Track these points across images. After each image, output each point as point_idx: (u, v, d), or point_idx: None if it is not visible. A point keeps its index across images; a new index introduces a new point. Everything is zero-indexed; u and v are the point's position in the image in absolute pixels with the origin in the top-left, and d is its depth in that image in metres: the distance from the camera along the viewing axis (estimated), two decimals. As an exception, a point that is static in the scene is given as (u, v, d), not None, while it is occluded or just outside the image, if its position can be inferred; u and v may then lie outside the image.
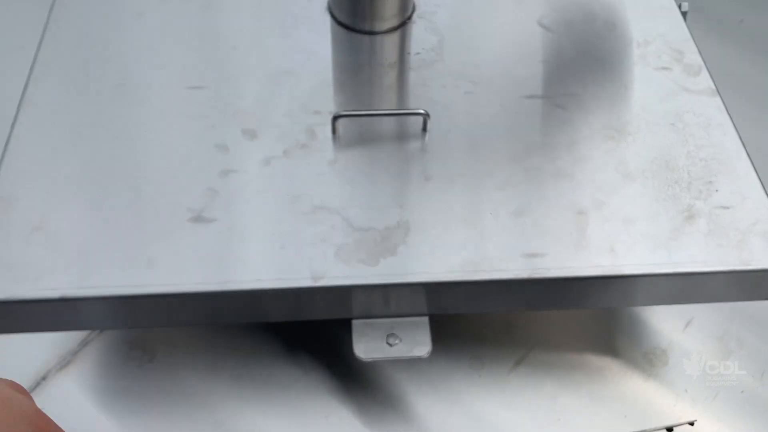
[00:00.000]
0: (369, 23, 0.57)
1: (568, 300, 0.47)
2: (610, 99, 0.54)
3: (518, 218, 0.46)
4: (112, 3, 0.58)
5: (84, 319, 0.44)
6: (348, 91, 0.54)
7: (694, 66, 0.56)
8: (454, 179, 0.48)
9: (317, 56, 0.56)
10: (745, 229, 0.47)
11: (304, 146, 0.50)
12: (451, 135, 0.51)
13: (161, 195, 0.46)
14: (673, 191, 0.48)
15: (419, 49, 0.56)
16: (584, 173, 0.49)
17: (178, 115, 0.51)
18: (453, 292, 0.45)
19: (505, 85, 0.54)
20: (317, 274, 0.43)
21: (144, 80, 0.53)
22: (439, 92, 0.54)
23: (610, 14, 0.60)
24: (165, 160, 0.48)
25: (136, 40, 0.56)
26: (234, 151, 0.49)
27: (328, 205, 0.46)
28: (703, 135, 0.52)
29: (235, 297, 0.43)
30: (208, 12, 0.58)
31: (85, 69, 0.53)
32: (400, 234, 0.45)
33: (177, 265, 0.43)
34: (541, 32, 0.58)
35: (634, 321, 0.59)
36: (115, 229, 0.44)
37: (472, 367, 0.56)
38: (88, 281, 0.42)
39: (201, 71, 0.54)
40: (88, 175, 0.47)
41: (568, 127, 0.52)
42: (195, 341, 0.57)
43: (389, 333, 0.47)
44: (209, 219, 0.45)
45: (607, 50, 0.57)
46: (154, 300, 0.42)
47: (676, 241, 0.46)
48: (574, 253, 0.45)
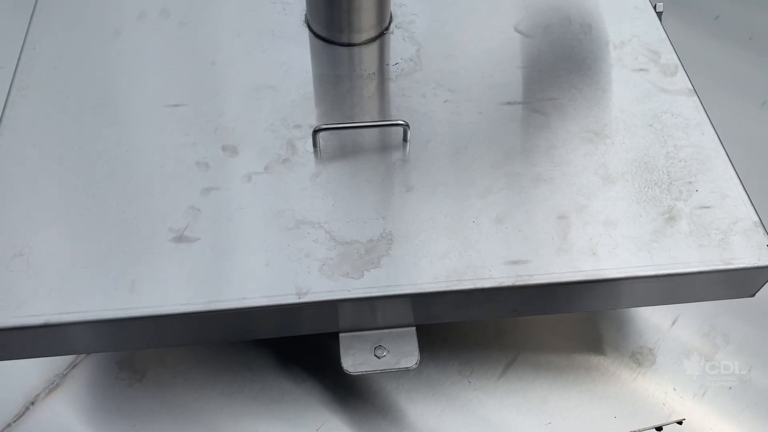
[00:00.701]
0: (347, 35, 0.57)
1: (553, 305, 0.47)
2: (587, 102, 0.54)
3: (500, 225, 0.47)
4: (89, 23, 0.58)
5: (69, 344, 0.44)
6: (328, 103, 0.54)
7: (670, 66, 0.57)
8: (435, 188, 0.49)
9: (296, 70, 0.56)
10: (726, 228, 0.47)
11: (286, 161, 0.50)
12: (432, 144, 0.51)
13: (143, 216, 0.46)
14: (653, 192, 0.49)
15: (398, 60, 0.57)
16: (564, 177, 0.49)
17: (158, 133, 0.51)
18: (438, 302, 0.45)
19: (483, 92, 0.54)
20: (302, 290, 0.43)
21: (123, 100, 0.53)
22: (419, 102, 0.54)
23: (585, 17, 0.60)
24: (146, 180, 0.48)
25: (114, 59, 0.56)
26: (215, 169, 0.49)
27: (311, 220, 0.46)
28: (681, 135, 0.52)
29: (220, 317, 0.43)
30: (186, 29, 0.58)
31: (63, 90, 0.53)
32: (384, 246, 0.45)
33: (160, 287, 0.43)
34: (518, 38, 0.58)
35: (620, 321, 0.60)
36: (97, 252, 0.44)
37: (461, 373, 0.56)
38: (71, 306, 0.42)
39: (180, 88, 0.54)
40: (68, 199, 0.47)
41: (547, 131, 0.52)
42: (185, 358, 0.57)
43: (377, 345, 0.47)
44: (192, 238, 0.45)
45: (583, 53, 0.57)
46: (139, 323, 0.42)
47: (657, 242, 0.46)
48: (556, 259, 0.45)
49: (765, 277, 0.47)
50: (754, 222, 0.47)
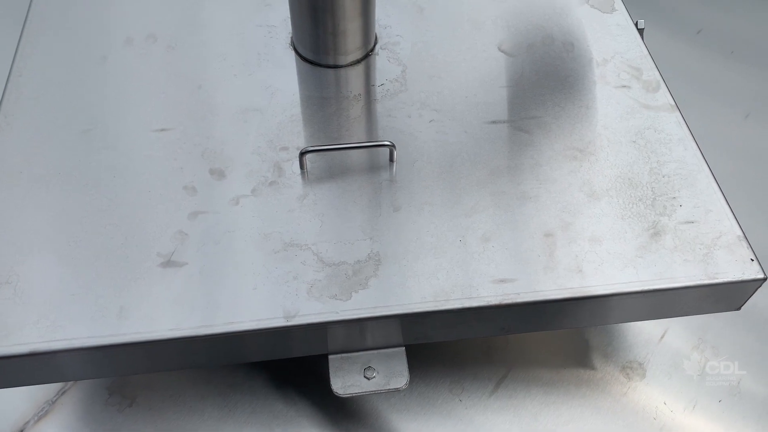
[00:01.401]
0: (332, 57, 0.57)
1: (541, 323, 0.47)
2: (571, 119, 0.54)
3: (487, 243, 0.47)
4: (76, 48, 0.58)
5: (57, 371, 0.44)
6: (315, 125, 0.54)
7: (652, 82, 0.57)
8: (422, 208, 0.49)
9: (282, 92, 0.56)
10: (710, 243, 0.47)
11: (273, 183, 0.50)
12: (418, 164, 0.52)
13: (131, 241, 0.46)
14: (637, 209, 0.49)
15: (383, 81, 0.57)
16: (549, 195, 0.50)
17: (146, 158, 0.51)
18: (426, 322, 0.45)
19: (468, 111, 0.55)
20: (290, 313, 0.43)
21: (110, 125, 0.53)
22: (405, 122, 0.54)
23: (567, 35, 0.61)
24: (134, 206, 0.48)
25: (101, 84, 0.56)
26: (202, 192, 0.49)
27: (299, 242, 0.47)
28: (664, 151, 0.53)
29: (208, 341, 0.43)
30: (173, 53, 0.58)
31: (50, 116, 0.53)
32: (371, 266, 0.46)
33: (149, 312, 0.43)
34: (502, 57, 0.59)
35: (610, 335, 0.60)
36: (84, 278, 0.44)
37: (452, 391, 0.56)
38: (58, 334, 0.42)
39: (167, 113, 0.54)
40: (56, 225, 0.47)
41: (531, 149, 0.52)
42: (175, 382, 0.57)
43: (366, 366, 0.47)
44: (180, 263, 0.45)
45: (566, 71, 0.58)
46: (127, 349, 0.42)
47: (643, 258, 0.46)
48: (543, 276, 0.45)
49: (750, 291, 0.48)
50: (737, 236, 0.48)
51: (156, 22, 0.61)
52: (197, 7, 0.62)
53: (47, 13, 0.61)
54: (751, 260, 0.47)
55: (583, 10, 0.63)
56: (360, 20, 0.56)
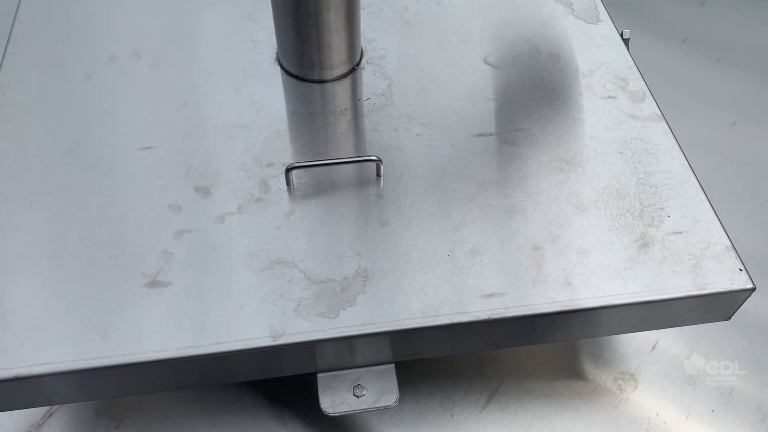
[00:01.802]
0: (318, 72, 0.57)
1: (531, 336, 0.47)
2: (558, 131, 0.54)
3: (475, 258, 0.47)
4: (60, 67, 0.58)
5: (42, 395, 0.43)
6: (301, 140, 0.54)
7: (638, 92, 0.58)
8: (410, 222, 0.49)
9: (268, 108, 0.56)
10: (699, 254, 0.47)
11: (259, 200, 0.50)
12: (406, 178, 0.51)
13: (115, 262, 0.46)
14: (625, 220, 0.49)
15: (369, 95, 0.57)
16: (537, 207, 0.49)
17: (131, 177, 0.51)
18: (415, 339, 0.45)
19: (455, 124, 0.55)
20: (277, 332, 0.43)
21: (94, 144, 0.53)
22: (392, 136, 0.54)
23: (553, 47, 0.61)
24: (118, 225, 0.48)
25: (85, 103, 0.55)
26: (188, 211, 0.49)
27: (286, 259, 0.46)
28: (651, 161, 0.53)
29: (195, 362, 0.42)
30: (157, 71, 0.58)
31: (34, 135, 0.53)
32: (359, 283, 0.45)
33: (134, 334, 0.42)
34: (488, 70, 0.59)
35: (601, 346, 0.60)
36: (69, 300, 0.44)
37: (444, 407, 0.56)
38: (42, 357, 0.41)
39: (152, 131, 0.54)
40: (39, 246, 0.46)
41: (518, 162, 0.52)
42: (163, 402, 0.56)
43: (355, 384, 0.46)
44: (165, 283, 0.45)
45: (553, 83, 0.58)
46: (113, 371, 0.42)
47: (631, 270, 0.46)
48: (531, 290, 0.45)
49: (740, 301, 0.48)
50: (726, 246, 0.48)
51: (140, 40, 0.60)
52: (182, 23, 0.62)
53: (31, 32, 0.61)
54: (739, 270, 0.46)
55: (569, 22, 0.63)
56: (345, 34, 0.56)
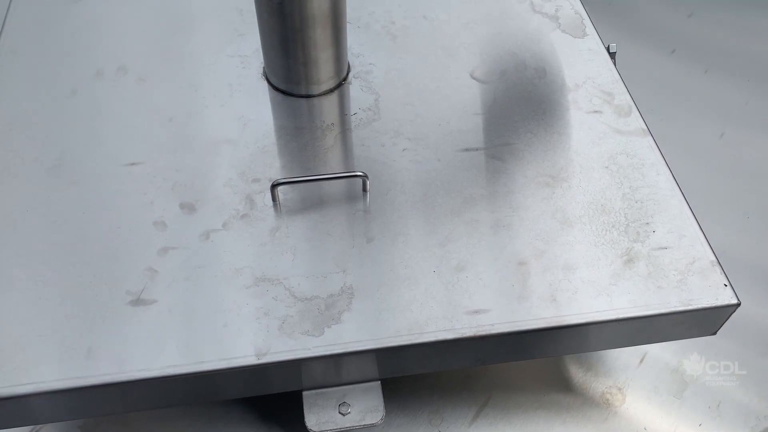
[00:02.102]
0: (305, 87, 0.57)
1: (517, 353, 0.47)
2: (544, 146, 0.55)
3: (461, 274, 0.47)
4: (46, 81, 0.58)
5: (26, 415, 0.43)
6: (287, 155, 0.54)
7: (624, 107, 0.58)
8: (396, 238, 0.49)
9: (255, 123, 0.56)
10: (684, 269, 0.47)
11: (244, 216, 0.50)
12: (392, 193, 0.51)
13: (99, 279, 0.45)
14: (611, 235, 0.49)
15: (356, 109, 0.57)
16: (523, 223, 0.49)
17: (115, 194, 0.50)
18: (401, 356, 0.45)
19: (441, 139, 0.55)
20: (261, 351, 0.42)
21: (80, 160, 0.52)
22: (378, 151, 0.54)
23: (540, 61, 0.61)
24: (102, 243, 0.47)
25: (70, 118, 0.55)
26: (172, 228, 0.49)
27: (270, 276, 0.46)
28: (637, 176, 0.53)
29: (178, 381, 0.42)
30: (143, 85, 0.58)
31: (19, 151, 0.53)
32: (345, 300, 0.45)
33: (118, 353, 0.42)
34: (475, 84, 0.59)
35: (589, 361, 0.60)
36: (52, 319, 0.43)
37: (431, 422, 0.56)
38: (24, 377, 0.41)
39: (137, 146, 0.53)
40: (22, 264, 0.46)
41: (504, 177, 0.52)
42: (150, 419, 0.56)
43: (341, 402, 0.46)
44: (149, 301, 0.45)
45: (539, 97, 0.58)
46: (96, 390, 0.41)
47: (616, 286, 0.46)
48: (517, 306, 0.45)
49: (725, 316, 0.48)
50: (711, 261, 0.48)
51: (127, 54, 0.60)
52: (169, 38, 0.62)
53: (17, 46, 0.61)
54: (724, 285, 0.47)
55: (555, 36, 0.63)
56: (331, 49, 0.56)
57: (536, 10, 0.66)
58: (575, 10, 0.66)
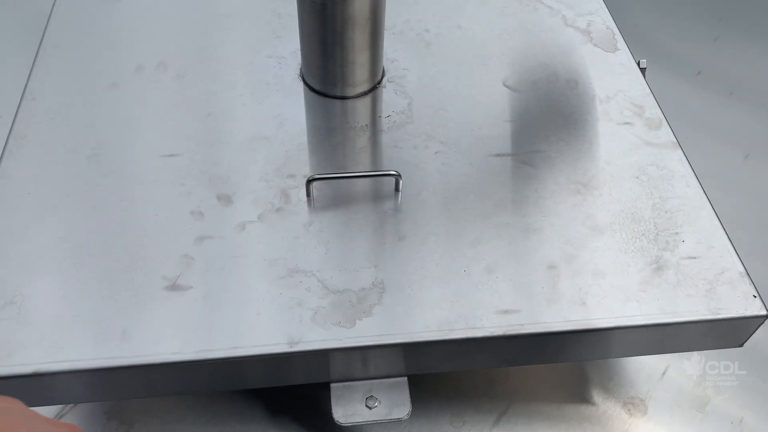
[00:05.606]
0: (340, 89, 0.58)
1: (544, 355, 0.47)
2: (575, 154, 0.55)
3: (491, 274, 0.47)
4: (88, 74, 0.59)
5: (58, 393, 0.44)
6: (322, 154, 0.55)
7: (654, 120, 0.58)
8: (427, 238, 0.49)
9: (290, 121, 0.57)
10: (713, 279, 0.48)
11: (279, 210, 0.50)
12: (423, 194, 0.52)
13: (136, 264, 0.46)
14: (640, 243, 0.49)
15: (390, 112, 0.58)
16: (553, 228, 0.50)
17: (153, 183, 0.51)
18: (430, 352, 0.45)
19: (473, 144, 0.56)
20: (293, 339, 0.43)
21: (119, 150, 0.54)
22: (410, 153, 0.55)
23: (571, 73, 0.62)
24: (140, 229, 0.48)
25: (111, 110, 0.57)
26: (209, 218, 0.49)
27: (304, 268, 0.47)
28: (667, 187, 0.53)
29: (211, 366, 0.43)
30: (182, 81, 0.59)
31: (60, 140, 0.54)
32: (376, 295, 0.46)
33: (152, 335, 0.43)
34: (507, 92, 0.60)
35: (611, 370, 0.60)
36: (89, 300, 0.44)
37: (453, 424, 0.56)
38: (61, 355, 0.42)
39: (176, 139, 0.55)
40: (62, 247, 0.47)
41: (535, 183, 0.53)
42: (173, 408, 0.56)
43: (368, 395, 0.46)
44: (185, 287, 0.45)
45: (570, 107, 0.59)
46: (130, 372, 0.42)
47: (645, 292, 0.47)
48: (546, 308, 0.45)
49: (753, 327, 0.48)
50: (740, 272, 0.48)
51: (167, 51, 0.62)
52: (208, 37, 0.64)
53: (61, 39, 0.62)
54: (753, 296, 0.47)
55: (587, 49, 0.64)
56: (368, 53, 0.57)
57: (568, 23, 0.67)
58: (607, 25, 0.67)
